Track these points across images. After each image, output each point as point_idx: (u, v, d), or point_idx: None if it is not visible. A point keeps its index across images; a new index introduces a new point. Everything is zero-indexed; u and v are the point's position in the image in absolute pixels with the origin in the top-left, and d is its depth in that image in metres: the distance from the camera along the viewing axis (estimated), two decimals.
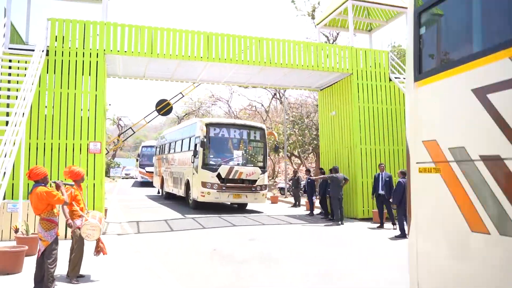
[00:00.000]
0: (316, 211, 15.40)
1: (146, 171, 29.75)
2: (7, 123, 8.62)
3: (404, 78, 13.61)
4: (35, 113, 10.09)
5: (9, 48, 10.23)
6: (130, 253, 7.99)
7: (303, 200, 17.96)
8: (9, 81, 9.86)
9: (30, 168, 5.43)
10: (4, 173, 7.44)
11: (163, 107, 18.64)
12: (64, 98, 10.43)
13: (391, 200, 10.78)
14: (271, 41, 12.70)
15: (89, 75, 10.71)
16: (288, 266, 6.94)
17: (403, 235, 9.84)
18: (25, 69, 9.64)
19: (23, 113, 8.32)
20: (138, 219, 13.08)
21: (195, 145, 15.06)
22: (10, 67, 10.08)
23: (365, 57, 13.72)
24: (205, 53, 11.96)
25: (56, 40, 10.57)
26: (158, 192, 23.54)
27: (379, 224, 11.61)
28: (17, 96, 8.73)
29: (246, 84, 16.28)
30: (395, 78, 13.58)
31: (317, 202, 16.00)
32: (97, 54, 10.85)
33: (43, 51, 10.19)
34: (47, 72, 10.39)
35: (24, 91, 8.61)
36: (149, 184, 28.65)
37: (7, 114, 9.16)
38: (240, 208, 16.33)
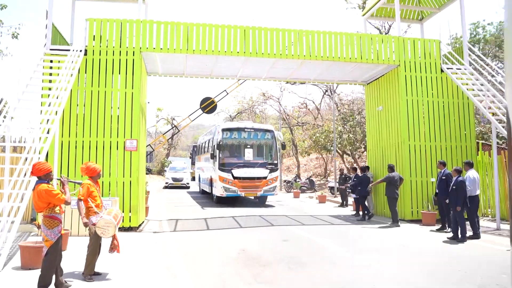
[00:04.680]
0: None
1: (234, 177, 16.42)
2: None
3: (458, 69, 12.49)
4: (74, 111, 10.32)
5: (50, 49, 10.55)
6: (157, 252, 7.86)
7: (351, 200, 17.15)
8: (50, 81, 10.14)
9: (33, 163, 5.29)
10: None
11: (208, 105, 18.65)
12: (102, 96, 10.57)
13: (447, 201, 9.81)
14: (310, 34, 12.15)
15: (126, 73, 10.79)
16: (313, 272, 6.44)
17: (457, 238, 9.10)
18: (60, 68, 9.85)
19: (56, 112, 8.47)
20: (179, 217, 13.07)
21: None
22: (51, 67, 10.38)
23: (414, 47, 12.74)
24: (242, 48, 11.67)
25: (94, 40, 10.75)
26: None
27: (439, 226, 10.76)
28: (48, 95, 8.92)
29: (287, 79, 15.75)
30: (448, 68, 12.47)
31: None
32: (133, 52, 10.91)
33: (81, 50, 10.40)
34: (86, 71, 10.58)
35: (58, 90, 8.77)
36: (232, 201, 17.78)
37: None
38: None
